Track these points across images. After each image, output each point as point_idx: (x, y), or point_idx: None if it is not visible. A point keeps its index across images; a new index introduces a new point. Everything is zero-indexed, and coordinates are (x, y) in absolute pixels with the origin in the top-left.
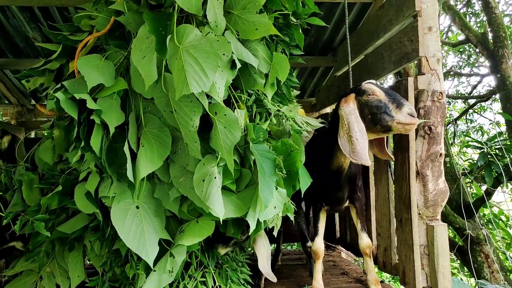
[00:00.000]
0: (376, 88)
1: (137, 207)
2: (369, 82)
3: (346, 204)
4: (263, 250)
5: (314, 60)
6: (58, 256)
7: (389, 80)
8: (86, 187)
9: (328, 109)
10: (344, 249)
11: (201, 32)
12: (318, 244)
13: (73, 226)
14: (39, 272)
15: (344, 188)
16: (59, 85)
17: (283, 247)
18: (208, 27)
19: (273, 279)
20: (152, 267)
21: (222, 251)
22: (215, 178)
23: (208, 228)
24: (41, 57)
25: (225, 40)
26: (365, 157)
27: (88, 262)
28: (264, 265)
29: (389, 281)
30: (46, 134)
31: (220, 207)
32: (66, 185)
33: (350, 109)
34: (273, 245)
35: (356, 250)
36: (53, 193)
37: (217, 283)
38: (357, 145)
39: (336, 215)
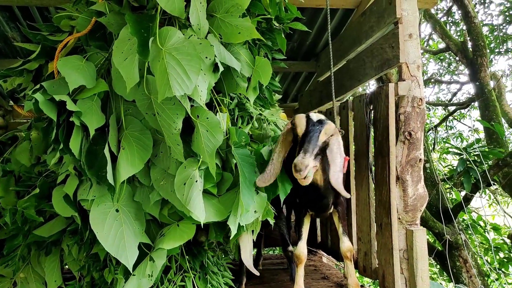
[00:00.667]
0: (301, 124)
1: (117, 211)
2: (306, 114)
3: (331, 210)
4: (247, 244)
5: (297, 65)
6: (33, 261)
7: (372, 86)
8: (65, 190)
9: None
10: (325, 254)
11: (183, 34)
12: (301, 248)
13: (50, 229)
14: (13, 277)
15: (329, 195)
16: (38, 86)
17: (264, 251)
18: (191, 29)
19: (256, 272)
20: (131, 271)
21: (203, 238)
22: (196, 181)
23: (188, 232)
24: (19, 57)
25: (208, 43)
26: (268, 179)
27: (66, 267)
28: (247, 258)
29: (370, 286)
30: (23, 135)
31: (201, 211)
32: (43, 188)
33: (283, 131)
34: (254, 250)
35: (337, 254)
36: (30, 196)
37: (196, 287)
38: (269, 166)
39: (317, 220)
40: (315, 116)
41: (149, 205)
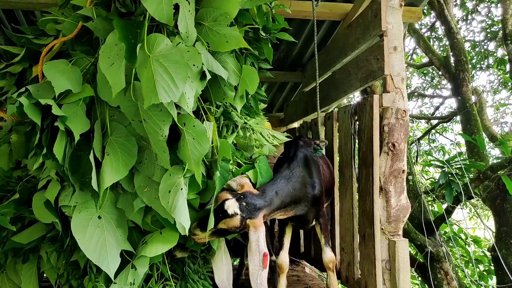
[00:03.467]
0: (231, 187)
1: (99, 217)
2: (227, 193)
3: (313, 223)
4: (221, 264)
5: (283, 75)
6: (9, 268)
7: (356, 97)
8: (46, 196)
9: (296, 124)
10: (308, 264)
11: (171, 42)
12: (283, 258)
13: (29, 236)
14: None
15: (309, 212)
16: (22, 89)
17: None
18: (179, 37)
19: None
20: (113, 279)
21: (179, 254)
22: (181, 189)
23: (171, 240)
24: (3, 60)
25: (195, 50)
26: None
27: (45, 276)
28: (222, 280)
29: None
30: (2, 138)
31: (186, 219)
32: (23, 193)
33: None
34: (237, 260)
35: (320, 264)
36: (9, 201)
37: None
38: None
39: (301, 230)
40: (228, 205)
41: (132, 212)
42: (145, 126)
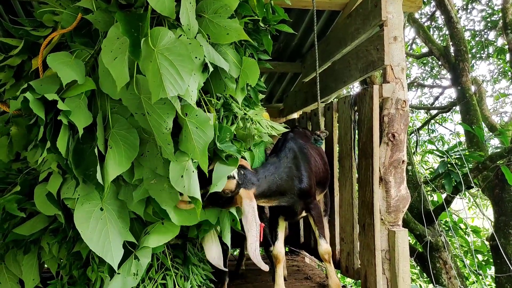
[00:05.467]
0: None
1: (101, 209)
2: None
3: (303, 215)
4: (211, 245)
5: (283, 66)
6: (8, 260)
7: (356, 88)
8: (48, 188)
9: (296, 115)
10: (308, 254)
11: (174, 34)
12: (279, 248)
13: (31, 228)
14: None
15: (296, 204)
16: (25, 85)
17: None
18: (180, 29)
19: (223, 269)
20: (116, 270)
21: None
22: (193, 172)
23: (174, 230)
24: (1, 53)
25: (197, 43)
26: None
27: (46, 266)
28: (214, 258)
29: (351, 286)
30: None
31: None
32: (24, 185)
33: None
34: (237, 250)
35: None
36: (10, 194)
37: (177, 286)
38: None
39: (301, 220)
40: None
41: (133, 203)
42: (148, 119)
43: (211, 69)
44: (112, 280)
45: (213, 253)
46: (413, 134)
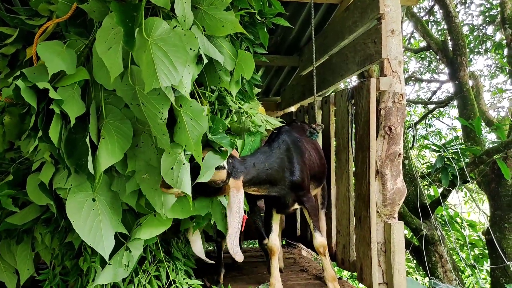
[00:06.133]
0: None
1: (93, 200)
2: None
3: (295, 207)
4: (196, 238)
5: (280, 60)
6: (2, 250)
7: (353, 82)
8: (40, 178)
9: (293, 108)
10: (304, 247)
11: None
12: (273, 240)
13: (23, 218)
14: None
15: (287, 196)
16: (18, 73)
17: (244, 245)
18: (175, 20)
19: (209, 261)
20: (108, 261)
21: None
22: (183, 164)
23: (166, 222)
24: None
25: (192, 34)
26: None
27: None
28: (197, 250)
29: (347, 279)
30: None
31: (189, 190)
32: (17, 175)
33: None
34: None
35: None
36: (2, 183)
37: (170, 277)
38: None
39: (298, 213)
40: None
41: (126, 194)
42: (143, 109)
43: (205, 61)
44: (103, 271)
45: (198, 246)
46: (410, 129)
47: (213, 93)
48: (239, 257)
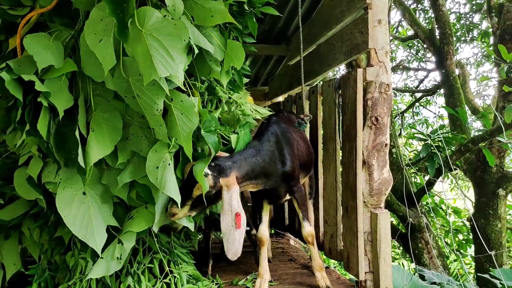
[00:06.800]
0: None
1: (84, 194)
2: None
3: (287, 198)
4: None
5: (268, 49)
6: None
7: (342, 71)
8: (28, 172)
9: (281, 98)
10: (292, 236)
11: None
12: (263, 231)
13: (11, 213)
14: None
15: (280, 187)
16: (3, 65)
17: None
18: (165, 10)
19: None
20: (100, 255)
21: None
22: (169, 164)
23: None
24: None
25: (182, 24)
26: None
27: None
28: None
29: (335, 267)
30: None
31: (177, 194)
32: (3, 169)
33: None
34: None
35: None
36: None
37: (166, 268)
38: None
39: (286, 203)
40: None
41: (116, 187)
42: (139, 101)
43: (196, 51)
44: (96, 264)
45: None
46: (398, 117)
47: (203, 84)
48: (232, 254)
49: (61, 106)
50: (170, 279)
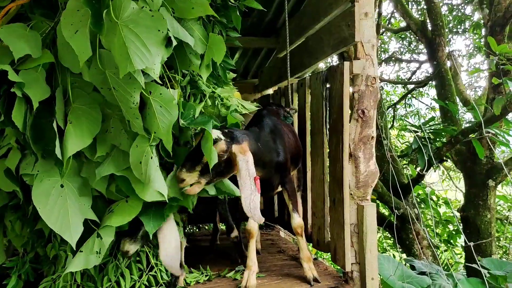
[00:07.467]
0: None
1: (62, 186)
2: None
3: (278, 189)
4: (169, 239)
5: (257, 41)
6: None
7: (335, 62)
8: (6, 164)
9: (271, 90)
10: (282, 228)
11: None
12: (252, 223)
13: None
14: None
15: (273, 178)
16: None
17: (224, 226)
18: (143, 1)
19: (178, 272)
20: (74, 248)
21: (131, 247)
22: (151, 158)
23: (137, 208)
24: None
25: (160, 15)
26: None
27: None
28: (169, 257)
29: (323, 259)
30: None
31: (163, 186)
32: None
33: None
34: (211, 224)
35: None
36: None
37: (152, 261)
38: None
39: (275, 195)
40: (214, 133)
41: (95, 180)
42: (115, 94)
43: (174, 43)
44: (75, 258)
45: (170, 249)
46: (390, 109)
47: (184, 77)
48: (258, 218)
49: (36, 97)
50: (155, 272)
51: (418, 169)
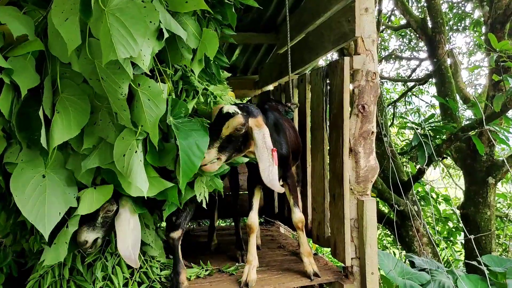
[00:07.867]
0: (213, 115)
1: (43, 176)
2: (221, 106)
3: (280, 183)
4: (127, 228)
5: (257, 37)
6: None
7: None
8: None
9: (271, 87)
10: (282, 224)
11: None
12: (252, 218)
13: None
14: None
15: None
16: None
17: (224, 223)
18: None
19: (135, 264)
20: (46, 239)
21: (90, 236)
22: (135, 152)
23: (106, 193)
24: None
25: (152, 7)
26: None
27: None
28: (126, 247)
29: (323, 254)
30: None
31: (143, 182)
32: None
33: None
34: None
35: (293, 225)
36: None
37: (141, 258)
38: None
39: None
40: (227, 108)
41: (81, 173)
42: (103, 84)
43: (166, 35)
44: (49, 250)
45: (127, 239)
46: (390, 106)
47: (176, 72)
48: (278, 188)
49: (24, 85)
50: (147, 268)
51: (418, 166)
